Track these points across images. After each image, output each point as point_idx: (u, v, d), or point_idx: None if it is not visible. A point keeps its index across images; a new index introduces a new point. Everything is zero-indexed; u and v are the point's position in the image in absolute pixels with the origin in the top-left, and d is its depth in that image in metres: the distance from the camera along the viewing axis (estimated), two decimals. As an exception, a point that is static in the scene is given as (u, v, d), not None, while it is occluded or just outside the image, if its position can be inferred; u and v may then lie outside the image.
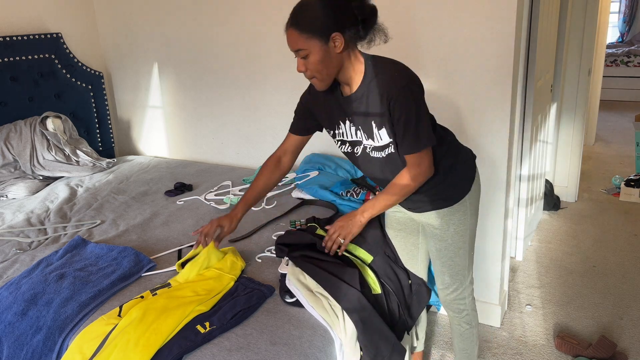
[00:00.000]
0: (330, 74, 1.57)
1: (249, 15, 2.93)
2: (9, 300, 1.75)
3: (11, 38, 2.98)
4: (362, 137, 1.67)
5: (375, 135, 1.62)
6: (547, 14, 2.87)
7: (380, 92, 1.55)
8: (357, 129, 1.66)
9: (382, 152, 1.65)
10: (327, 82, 1.59)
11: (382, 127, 1.60)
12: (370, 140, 1.65)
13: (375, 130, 1.62)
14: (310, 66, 1.55)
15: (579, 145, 3.94)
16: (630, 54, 7.42)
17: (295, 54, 1.55)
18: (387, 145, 1.63)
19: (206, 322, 1.54)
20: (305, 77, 1.61)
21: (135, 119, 3.62)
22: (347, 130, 1.69)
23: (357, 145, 1.70)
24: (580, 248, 3.28)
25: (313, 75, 1.57)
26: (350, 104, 1.64)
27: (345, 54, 1.56)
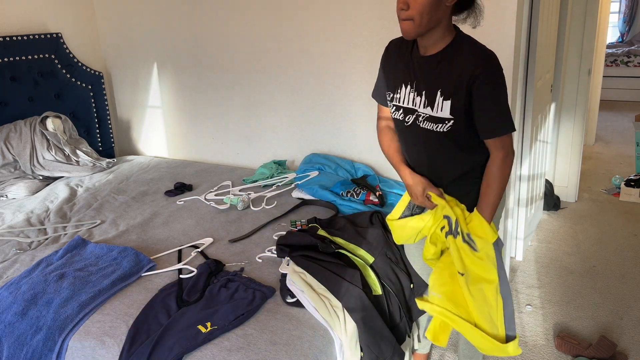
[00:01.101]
0: (429, 24, 1.46)
1: (249, 15, 2.93)
2: (9, 300, 1.75)
3: (11, 38, 2.98)
4: (420, 105, 1.58)
5: (437, 104, 1.54)
6: (547, 14, 2.87)
7: (466, 64, 1.48)
8: (417, 94, 1.58)
9: (435, 125, 1.57)
10: (420, 30, 1.47)
11: (448, 99, 1.52)
12: (428, 108, 1.56)
13: (438, 99, 1.53)
14: (415, 5, 1.42)
15: (579, 145, 3.94)
16: (630, 54, 7.42)
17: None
18: (444, 120, 1.55)
19: (207, 322, 1.54)
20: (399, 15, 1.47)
21: (135, 119, 3.61)
22: (405, 96, 1.61)
23: (409, 113, 1.62)
24: (580, 248, 3.28)
25: (411, 16, 1.44)
26: (422, 65, 1.56)
27: (448, 14, 1.48)
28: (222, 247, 2.10)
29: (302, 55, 2.84)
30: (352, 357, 1.58)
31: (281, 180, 2.77)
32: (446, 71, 1.52)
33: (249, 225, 2.30)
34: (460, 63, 1.50)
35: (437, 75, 1.54)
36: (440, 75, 1.53)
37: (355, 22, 2.64)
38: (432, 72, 1.55)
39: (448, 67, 1.52)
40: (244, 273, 1.87)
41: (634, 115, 6.59)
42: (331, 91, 2.82)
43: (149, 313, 1.65)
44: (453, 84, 1.51)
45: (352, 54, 2.71)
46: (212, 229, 2.28)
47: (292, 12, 2.80)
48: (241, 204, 2.47)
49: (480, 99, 1.49)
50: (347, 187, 2.51)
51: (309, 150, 3.00)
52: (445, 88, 1.52)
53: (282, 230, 2.21)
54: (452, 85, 1.51)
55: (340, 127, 2.86)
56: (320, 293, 1.67)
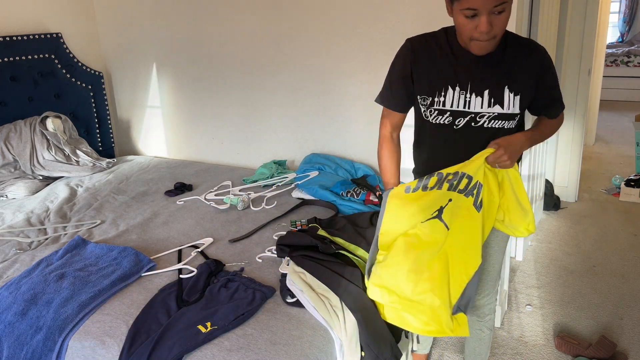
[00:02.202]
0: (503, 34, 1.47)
1: (249, 15, 2.93)
2: (9, 300, 1.75)
3: (11, 38, 2.98)
4: (480, 105, 1.52)
5: (508, 101, 1.51)
6: (547, 14, 2.87)
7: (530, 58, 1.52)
8: (476, 94, 1.52)
9: (505, 123, 1.54)
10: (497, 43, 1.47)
11: (518, 94, 1.51)
12: (496, 106, 1.52)
13: (508, 95, 1.51)
14: (499, 23, 1.39)
15: (579, 145, 3.94)
16: (630, 54, 7.42)
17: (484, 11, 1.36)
18: (514, 116, 1.54)
19: (207, 322, 1.55)
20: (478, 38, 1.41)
21: (135, 119, 3.61)
22: (454, 98, 1.53)
23: (463, 117, 1.54)
24: (580, 248, 3.28)
25: (496, 34, 1.41)
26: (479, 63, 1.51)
27: None
28: (222, 247, 2.10)
29: (302, 55, 2.84)
30: (352, 357, 1.58)
31: (281, 180, 2.77)
32: (510, 67, 1.52)
33: (249, 225, 2.30)
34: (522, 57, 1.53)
35: (502, 72, 1.52)
36: (504, 72, 1.52)
37: (355, 22, 2.64)
38: (494, 69, 1.52)
39: (511, 63, 1.53)
40: (244, 273, 1.87)
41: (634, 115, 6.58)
42: (331, 91, 2.82)
43: (149, 313, 1.65)
44: (520, 78, 1.53)
45: (352, 54, 2.71)
46: (212, 229, 2.28)
47: (292, 12, 2.80)
48: (241, 204, 2.47)
49: (549, 88, 1.58)
50: (347, 187, 2.51)
51: (309, 150, 3.00)
52: (513, 84, 1.52)
53: (282, 230, 2.21)
54: (520, 80, 1.53)
55: (340, 127, 2.86)
56: (320, 293, 1.67)
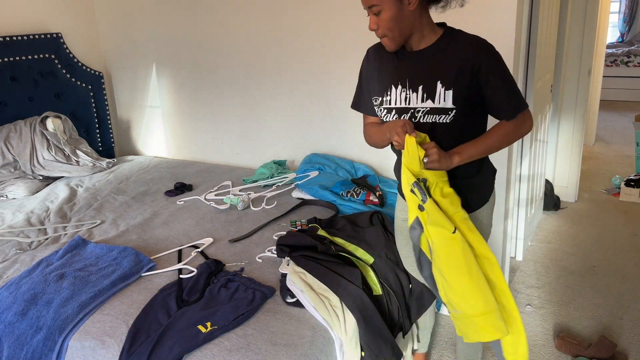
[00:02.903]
0: (403, 33, 1.51)
1: (249, 15, 2.93)
2: (9, 300, 1.75)
3: (11, 38, 2.98)
4: (416, 100, 1.57)
5: (439, 96, 1.54)
6: (547, 14, 2.87)
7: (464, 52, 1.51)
8: (412, 90, 1.57)
9: (438, 117, 1.56)
10: (398, 41, 1.53)
11: (450, 89, 1.52)
12: (428, 101, 1.55)
13: (439, 90, 1.53)
14: (382, 23, 1.49)
15: (579, 145, 3.94)
16: (630, 54, 7.42)
17: (367, 11, 1.51)
18: (447, 110, 1.54)
19: (207, 322, 1.55)
20: (376, 35, 1.55)
21: (135, 119, 3.61)
22: (395, 96, 1.60)
23: (404, 112, 1.61)
24: (580, 248, 3.28)
25: (384, 34, 1.51)
26: (414, 59, 1.57)
27: (418, 15, 1.51)
28: (222, 247, 2.10)
29: (302, 55, 2.84)
30: (352, 357, 1.58)
31: (281, 180, 2.77)
32: (444, 62, 1.53)
33: (249, 225, 2.30)
34: (458, 53, 1.52)
35: (434, 66, 1.54)
36: (437, 67, 1.54)
37: (355, 22, 2.64)
38: (428, 64, 1.55)
39: (445, 58, 1.53)
40: (244, 273, 1.87)
41: (634, 115, 6.59)
42: (331, 91, 2.82)
43: (149, 313, 1.65)
44: (453, 73, 1.52)
45: (351, 54, 2.70)
46: (212, 229, 2.28)
47: (292, 12, 2.80)
48: (241, 204, 2.47)
49: (492, 86, 1.52)
50: (347, 187, 2.51)
51: (309, 150, 3.00)
52: (445, 78, 1.53)
53: (282, 230, 2.21)
54: (453, 75, 1.52)
55: (340, 127, 2.86)
56: (320, 293, 1.67)
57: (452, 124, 1.56)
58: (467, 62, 1.50)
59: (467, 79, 1.51)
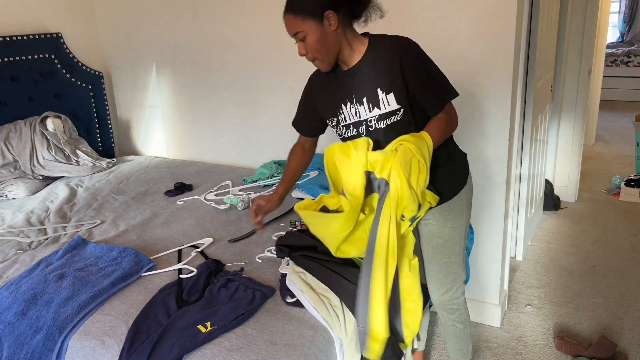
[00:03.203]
0: (330, 53, 1.58)
1: (248, 15, 2.93)
2: (9, 300, 1.75)
3: (11, 38, 2.98)
4: (365, 112, 1.64)
5: (382, 102, 1.61)
6: (547, 14, 2.87)
7: (389, 54, 1.58)
8: (359, 104, 1.65)
9: (388, 120, 1.63)
10: (329, 61, 1.60)
11: (390, 92, 1.59)
12: (375, 109, 1.63)
13: (381, 96, 1.60)
14: (309, 47, 1.57)
15: (579, 145, 3.94)
16: (630, 54, 7.42)
17: (294, 39, 1.58)
18: (395, 111, 1.61)
19: (207, 322, 1.55)
20: (307, 59, 1.62)
21: (135, 119, 3.61)
22: (348, 113, 1.69)
23: (360, 125, 1.68)
24: (580, 248, 3.28)
25: (314, 57, 1.59)
26: (351, 76, 1.64)
27: (342, 32, 1.58)
28: (222, 247, 2.10)
29: (302, 55, 2.84)
30: (352, 357, 1.58)
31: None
32: (377, 69, 1.60)
33: (249, 225, 2.30)
34: (386, 56, 1.59)
35: (370, 77, 1.61)
36: (373, 76, 1.61)
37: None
38: (363, 77, 1.63)
39: (377, 65, 1.60)
40: (244, 273, 1.87)
41: (634, 115, 6.58)
42: (331, 91, 2.82)
43: (148, 313, 1.65)
44: (388, 77, 1.58)
45: (352, 54, 2.70)
46: (212, 229, 2.28)
47: (292, 12, 2.80)
48: (241, 204, 2.47)
49: (414, 75, 1.58)
50: (347, 187, 2.50)
51: (309, 150, 2.99)
52: (383, 84, 1.59)
53: (282, 231, 2.21)
54: (389, 79, 1.59)
55: (340, 127, 2.86)
56: (320, 293, 1.67)
57: (404, 120, 1.63)
58: (395, 61, 1.57)
59: (400, 79, 1.58)
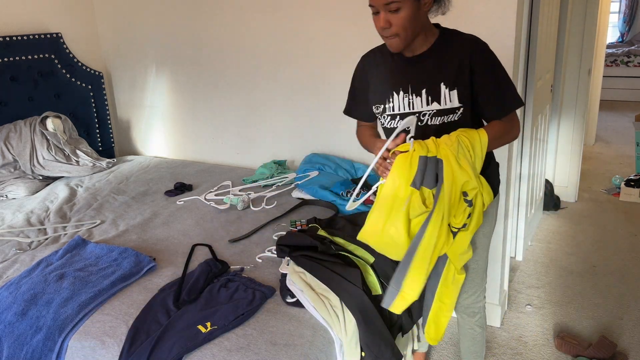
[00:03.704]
0: (414, 33, 1.50)
1: (248, 15, 2.93)
2: (9, 300, 1.75)
3: (11, 38, 2.98)
4: (421, 104, 1.58)
5: (444, 97, 1.55)
6: (547, 14, 2.87)
7: (459, 50, 1.53)
8: (416, 95, 1.58)
9: (445, 118, 1.57)
10: (407, 42, 1.52)
11: (454, 88, 1.54)
12: (435, 103, 1.57)
13: (444, 91, 1.55)
14: (398, 22, 1.46)
15: (579, 145, 3.94)
16: (630, 54, 7.42)
17: (379, 8, 1.46)
18: (454, 110, 1.56)
19: (207, 322, 1.54)
20: (382, 34, 1.51)
21: (135, 119, 3.61)
22: (399, 102, 1.61)
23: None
24: (580, 248, 3.28)
25: (397, 32, 1.48)
26: (414, 64, 1.58)
27: (425, 16, 1.53)
28: (222, 247, 2.10)
29: (301, 55, 2.84)
30: (352, 358, 1.58)
31: (281, 180, 2.77)
32: (444, 63, 1.55)
33: (249, 225, 2.30)
34: (456, 52, 1.54)
35: (436, 69, 1.56)
36: (439, 69, 1.56)
37: (355, 22, 2.64)
38: (429, 67, 1.57)
39: (445, 59, 1.55)
40: (244, 273, 1.87)
41: (634, 115, 6.59)
42: (331, 91, 2.82)
43: (148, 313, 1.65)
44: (454, 73, 1.54)
45: (351, 54, 2.70)
46: (212, 229, 2.28)
47: (292, 12, 2.80)
48: (241, 204, 2.47)
49: (483, 79, 1.53)
50: (347, 187, 2.51)
51: (309, 150, 2.99)
52: (448, 79, 1.54)
53: (282, 230, 2.21)
54: (454, 75, 1.54)
55: (340, 127, 2.86)
56: (320, 293, 1.67)
57: (461, 121, 1.58)
58: (465, 59, 1.53)
59: (467, 76, 1.53)
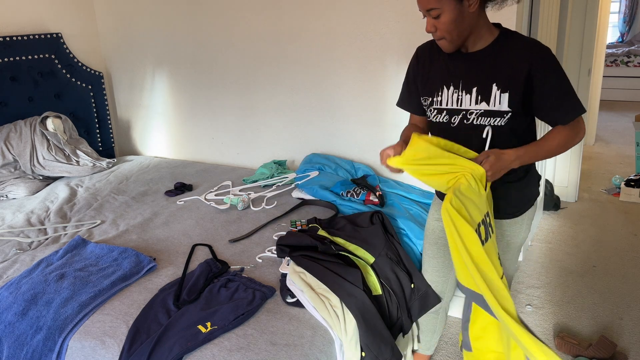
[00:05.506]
0: (462, 35, 1.48)
1: (249, 15, 2.93)
2: (9, 300, 1.75)
3: (11, 38, 2.98)
4: (469, 102, 1.55)
5: (494, 98, 1.52)
6: (547, 14, 2.87)
7: (518, 54, 1.48)
8: (466, 92, 1.55)
9: (492, 120, 1.54)
10: (457, 43, 1.51)
11: (506, 91, 1.50)
12: (483, 103, 1.53)
13: (495, 92, 1.51)
14: (441, 26, 1.46)
15: (579, 145, 3.93)
16: (630, 54, 7.42)
17: (424, 14, 1.48)
18: (502, 113, 1.52)
19: (207, 322, 1.55)
20: (433, 37, 1.53)
21: (135, 119, 3.61)
22: (448, 97, 1.58)
23: (455, 114, 1.59)
24: (580, 248, 3.28)
25: (442, 36, 1.49)
26: (468, 61, 1.55)
27: (477, 15, 1.48)
28: (222, 247, 2.10)
29: (302, 55, 2.84)
30: (352, 357, 1.58)
31: (281, 180, 2.77)
32: (500, 64, 1.51)
33: (249, 225, 2.30)
34: (514, 56, 1.49)
35: (490, 69, 1.52)
36: (493, 69, 1.52)
37: (355, 22, 2.64)
38: (483, 66, 1.53)
39: (501, 60, 1.51)
40: (244, 273, 1.87)
41: (634, 115, 6.59)
42: (331, 91, 2.82)
43: (148, 313, 1.65)
44: (509, 76, 1.50)
45: (352, 54, 2.71)
46: (212, 229, 2.28)
47: (292, 13, 2.80)
48: (241, 204, 2.47)
49: (546, 90, 1.49)
50: (347, 187, 2.51)
51: (309, 150, 3.00)
52: (501, 81, 1.51)
53: (282, 231, 2.21)
54: (508, 78, 1.50)
55: (340, 127, 2.86)
56: (320, 293, 1.67)
57: (505, 127, 1.54)
58: (524, 65, 1.48)
59: (522, 82, 1.49)
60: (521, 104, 1.52)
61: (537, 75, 1.48)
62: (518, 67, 1.48)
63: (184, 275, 1.86)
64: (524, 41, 1.51)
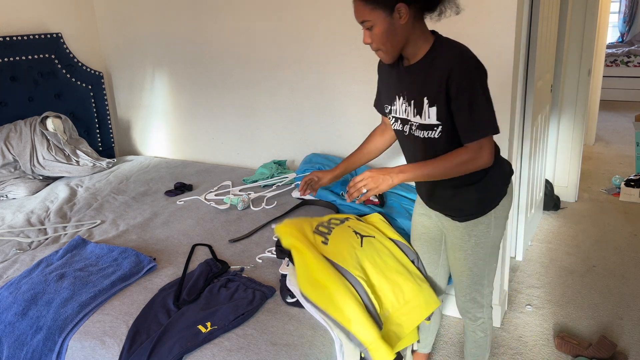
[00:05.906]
0: (395, 46, 1.52)
1: (249, 15, 2.93)
2: (9, 300, 1.75)
3: (11, 38, 2.98)
4: (411, 113, 1.60)
5: (425, 112, 1.55)
6: (547, 14, 2.87)
7: (443, 67, 1.48)
8: (408, 104, 1.60)
9: (427, 133, 1.57)
10: (393, 54, 1.55)
11: (433, 105, 1.53)
12: (417, 116, 1.58)
13: (425, 107, 1.55)
14: (374, 38, 1.51)
15: (579, 145, 3.94)
16: (630, 54, 7.42)
17: (361, 26, 1.53)
18: (433, 127, 1.55)
19: (207, 322, 1.55)
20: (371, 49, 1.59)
21: (135, 119, 3.61)
22: (399, 107, 1.65)
23: (405, 124, 1.65)
24: (580, 248, 3.28)
25: (378, 47, 1.54)
26: (408, 75, 1.59)
27: (411, 26, 1.50)
28: (222, 247, 2.10)
29: (301, 55, 2.85)
30: (352, 357, 1.58)
31: (281, 180, 2.77)
32: (429, 77, 1.53)
33: (249, 225, 2.30)
34: (439, 68, 1.50)
35: (421, 82, 1.55)
36: (424, 83, 1.54)
37: (355, 22, 2.64)
38: (416, 80, 1.57)
39: (430, 73, 1.52)
40: (244, 273, 1.87)
41: (634, 115, 6.59)
42: (331, 91, 2.82)
43: (149, 313, 1.65)
44: (436, 89, 1.51)
45: (351, 54, 2.70)
46: (212, 229, 2.28)
47: (291, 12, 2.80)
48: (241, 204, 2.47)
49: (457, 96, 1.47)
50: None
51: (309, 150, 3.00)
52: (430, 94, 1.53)
53: (282, 230, 2.21)
54: (436, 92, 1.51)
55: (340, 127, 2.86)
56: (320, 293, 1.67)
57: (440, 139, 1.57)
58: (444, 77, 1.48)
59: (444, 95, 1.49)
60: (449, 117, 1.52)
61: (452, 88, 1.47)
62: (441, 79, 1.49)
63: (184, 275, 1.86)
64: (450, 52, 1.50)
